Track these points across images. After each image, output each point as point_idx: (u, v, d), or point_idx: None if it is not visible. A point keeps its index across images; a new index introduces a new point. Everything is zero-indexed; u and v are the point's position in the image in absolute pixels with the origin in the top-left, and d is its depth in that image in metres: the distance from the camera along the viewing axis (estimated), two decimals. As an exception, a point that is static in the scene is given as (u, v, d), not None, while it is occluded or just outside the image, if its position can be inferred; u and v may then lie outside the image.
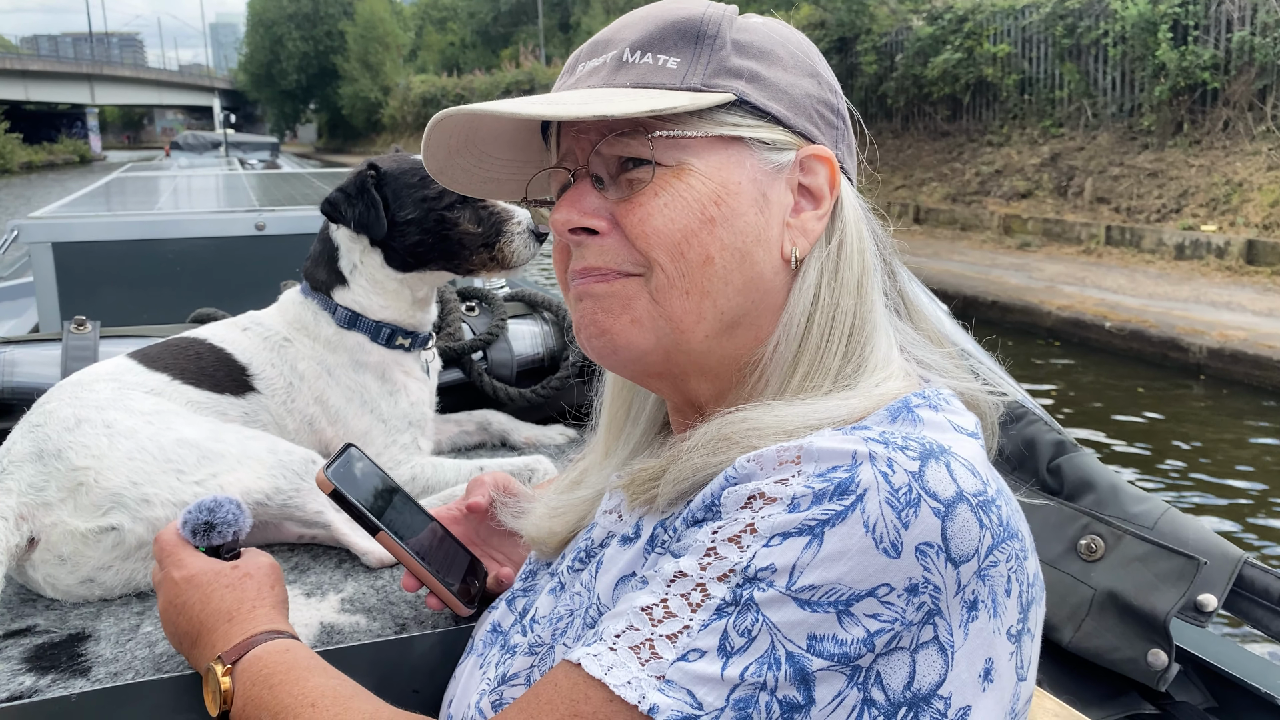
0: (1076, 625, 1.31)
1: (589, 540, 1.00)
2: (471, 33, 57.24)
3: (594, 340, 0.92)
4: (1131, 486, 1.41)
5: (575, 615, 0.91)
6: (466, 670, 1.06)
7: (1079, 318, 9.84)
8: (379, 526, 1.16)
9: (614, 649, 0.76)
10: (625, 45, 0.91)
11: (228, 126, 36.27)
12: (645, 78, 0.89)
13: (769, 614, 0.71)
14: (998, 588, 0.75)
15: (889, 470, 0.73)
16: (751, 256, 0.89)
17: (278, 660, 1.00)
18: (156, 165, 13.66)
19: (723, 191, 0.88)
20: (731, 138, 0.89)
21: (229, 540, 1.18)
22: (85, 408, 1.49)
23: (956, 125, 16.31)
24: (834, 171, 0.93)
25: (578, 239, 0.91)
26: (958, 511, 0.73)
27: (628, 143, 0.89)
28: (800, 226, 0.92)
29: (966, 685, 0.72)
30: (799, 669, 0.70)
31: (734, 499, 0.78)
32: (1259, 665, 1.28)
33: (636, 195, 0.89)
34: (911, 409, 0.84)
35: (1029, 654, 0.80)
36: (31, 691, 1.15)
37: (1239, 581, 1.24)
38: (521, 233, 1.85)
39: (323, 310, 1.83)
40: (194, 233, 3.55)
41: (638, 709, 0.72)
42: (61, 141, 74.60)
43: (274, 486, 1.49)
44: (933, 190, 15.29)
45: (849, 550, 0.71)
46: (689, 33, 0.90)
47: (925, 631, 0.71)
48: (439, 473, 1.83)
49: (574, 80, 0.94)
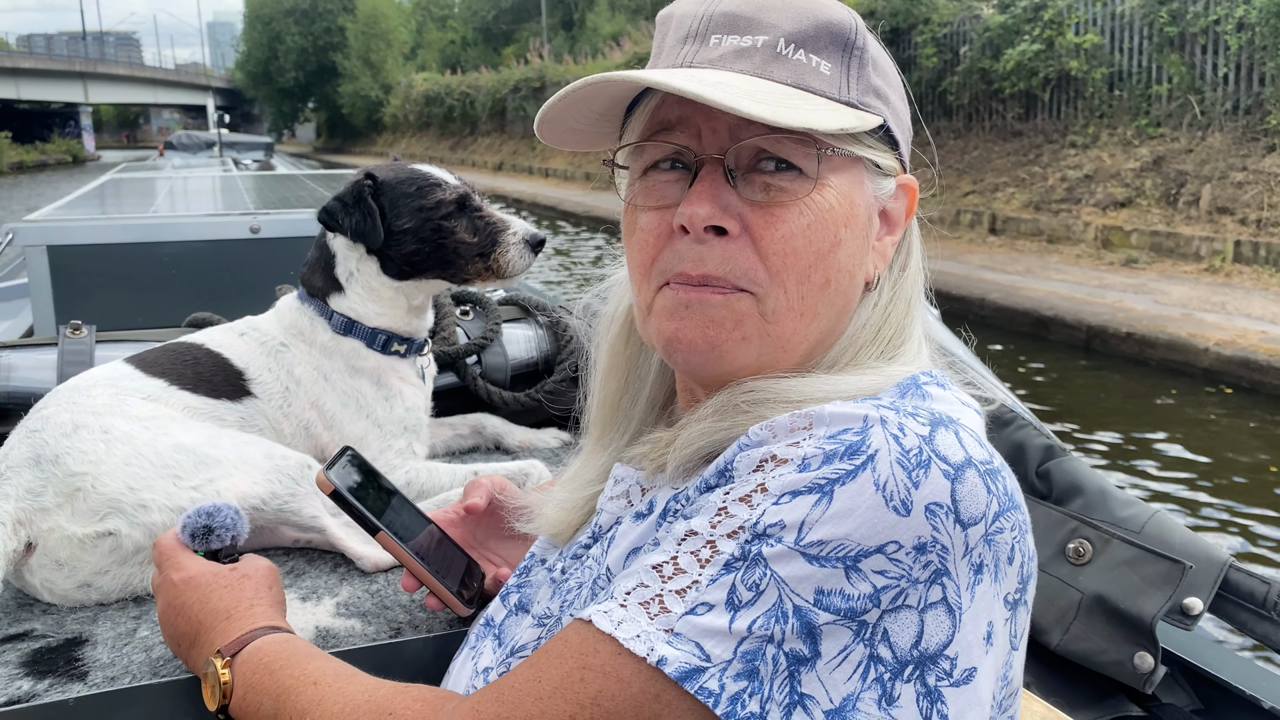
0: (1064, 628, 1.32)
1: (595, 527, 1.01)
2: (472, 30, 56.10)
3: (696, 353, 0.88)
4: (1120, 491, 1.42)
5: (584, 586, 0.92)
6: (458, 664, 1.08)
7: (1248, 357, 7.64)
8: (379, 527, 1.18)
9: (624, 605, 0.77)
10: (779, 35, 0.86)
11: (222, 126, 36.09)
12: (803, 78, 0.86)
13: (777, 568, 0.72)
14: (1002, 554, 0.76)
15: (900, 433, 0.74)
16: (855, 280, 0.91)
17: (278, 649, 1.01)
18: (150, 165, 13.63)
19: (850, 214, 0.88)
20: (859, 158, 0.88)
21: (227, 545, 1.20)
22: (82, 413, 1.49)
23: (1030, 124, 14.42)
24: (913, 201, 0.95)
25: (705, 236, 0.86)
26: (966, 475, 0.74)
27: (783, 144, 0.85)
28: (881, 250, 0.94)
29: (972, 646, 0.73)
30: (805, 622, 0.71)
31: (746, 463, 0.79)
32: (1244, 668, 1.29)
33: (778, 206, 0.85)
34: (920, 385, 0.86)
35: (1022, 625, 0.81)
36: (29, 696, 1.16)
37: (1224, 585, 1.26)
38: (517, 243, 1.86)
39: (319, 316, 1.84)
40: (189, 235, 3.55)
41: (646, 661, 0.73)
42: (54, 141, 72.54)
43: (270, 491, 1.50)
44: (1009, 197, 13.53)
45: (858, 507, 0.72)
46: (839, 38, 0.88)
47: (933, 591, 0.72)
48: (434, 477, 1.84)
49: (715, 56, 0.87)
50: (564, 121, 0.94)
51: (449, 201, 1.83)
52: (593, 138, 0.98)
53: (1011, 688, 0.82)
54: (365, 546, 1.53)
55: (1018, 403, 1.56)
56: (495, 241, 1.85)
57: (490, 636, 1.05)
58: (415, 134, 47.73)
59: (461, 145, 40.57)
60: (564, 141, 0.98)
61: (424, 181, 1.85)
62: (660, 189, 0.90)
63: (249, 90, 79.44)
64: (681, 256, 0.87)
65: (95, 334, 2.11)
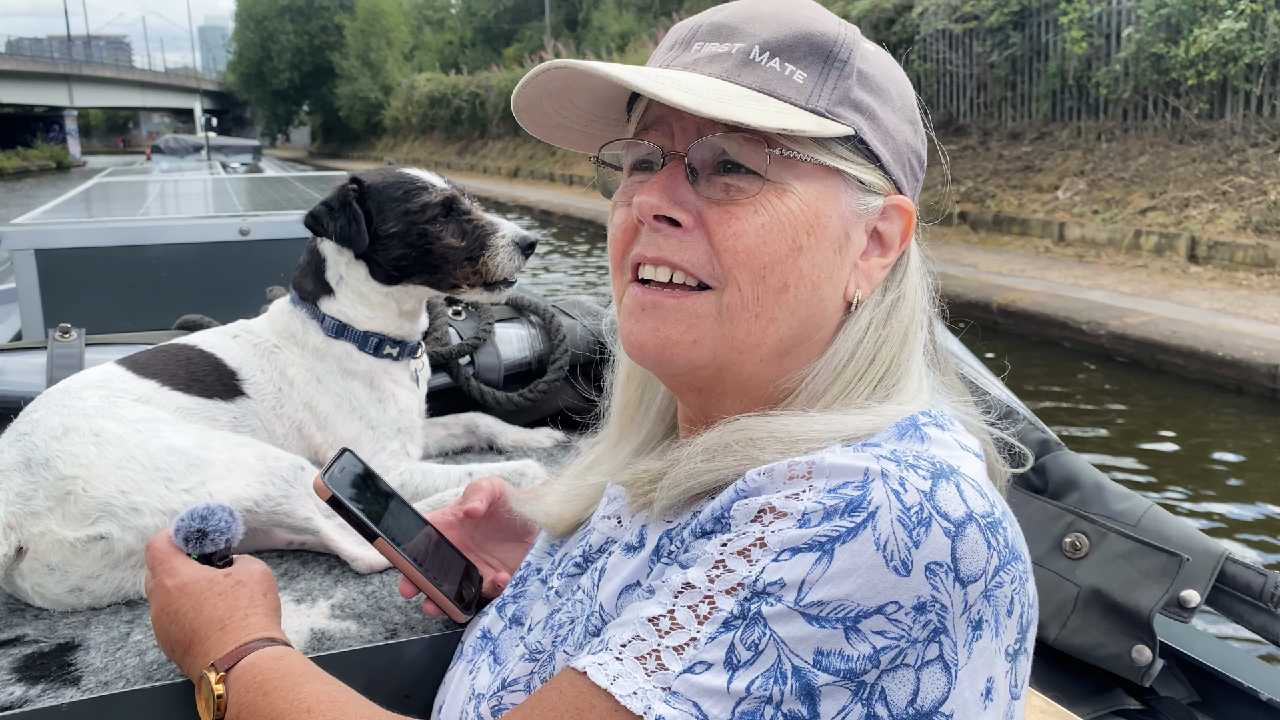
0: (1062, 622, 1.32)
1: (585, 545, 1.00)
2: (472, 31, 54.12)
3: (652, 350, 0.90)
4: (1115, 484, 1.42)
5: (576, 623, 0.91)
6: (456, 676, 1.07)
7: None
8: (377, 533, 1.16)
9: (620, 659, 0.76)
10: (756, 42, 0.88)
11: (209, 130, 35.88)
12: (771, 84, 0.87)
13: (776, 628, 0.71)
14: (1001, 608, 0.75)
15: (901, 489, 0.74)
16: (821, 291, 0.89)
17: (272, 667, 0.99)
18: (138, 170, 13.57)
19: (815, 223, 0.87)
20: (834, 169, 0.88)
21: (221, 548, 1.18)
22: (73, 416, 1.48)
23: (1219, 124, 11.25)
24: (910, 224, 0.94)
25: (659, 226, 0.88)
26: (967, 532, 0.73)
27: (742, 147, 0.86)
28: (866, 270, 0.92)
29: (969, 704, 0.73)
30: (805, 684, 0.70)
31: (744, 512, 0.78)
32: (1241, 660, 1.30)
33: (733, 205, 0.86)
34: (919, 426, 0.85)
35: (1023, 673, 0.81)
36: (22, 702, 1.15)
37: (1221, 577, 1.26)
38: (506, 245, 1.84)
39: (311, 319, 1.84)
40: (178, 238, 3.53)
41: (643, 719, 0.72)
42: (37, 146, 69.47)
43: (263, 493, 1.49)
44: (1210, 215, 10.41)
45: (859, 567, 0.71)
46: (821, 50, 0.88)
47: (930, 649, 0.72)
48: (428, 478, 1.83)
49: (691, 60, 0.89)
50: (549, 116, 0.96)
51: (435, 205, 1.81)
52: (587, 138, 1.00)
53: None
54: (360, 548, 1.52)
55: (1013, 398, 1.56)
56: (484, 245, 1.83)
57: (487, 652, 1.04)
58: (419, 138, 45.23)
59: (470, 150, 37.98)
60: (555, 138, 1.00)
61: (410, 185, 1.83)
62: (632, 188, 0.93)
63: (241, 93, 76.53)
64: (641, 243, 0.90)
65: (85, 337, 2.10)
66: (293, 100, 69.26)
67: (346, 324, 1.83)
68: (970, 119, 15.03)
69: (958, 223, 13.26)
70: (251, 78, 68.51)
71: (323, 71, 60.21)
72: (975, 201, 13.42)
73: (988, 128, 14.62)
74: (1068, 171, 12.69)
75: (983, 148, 14.39)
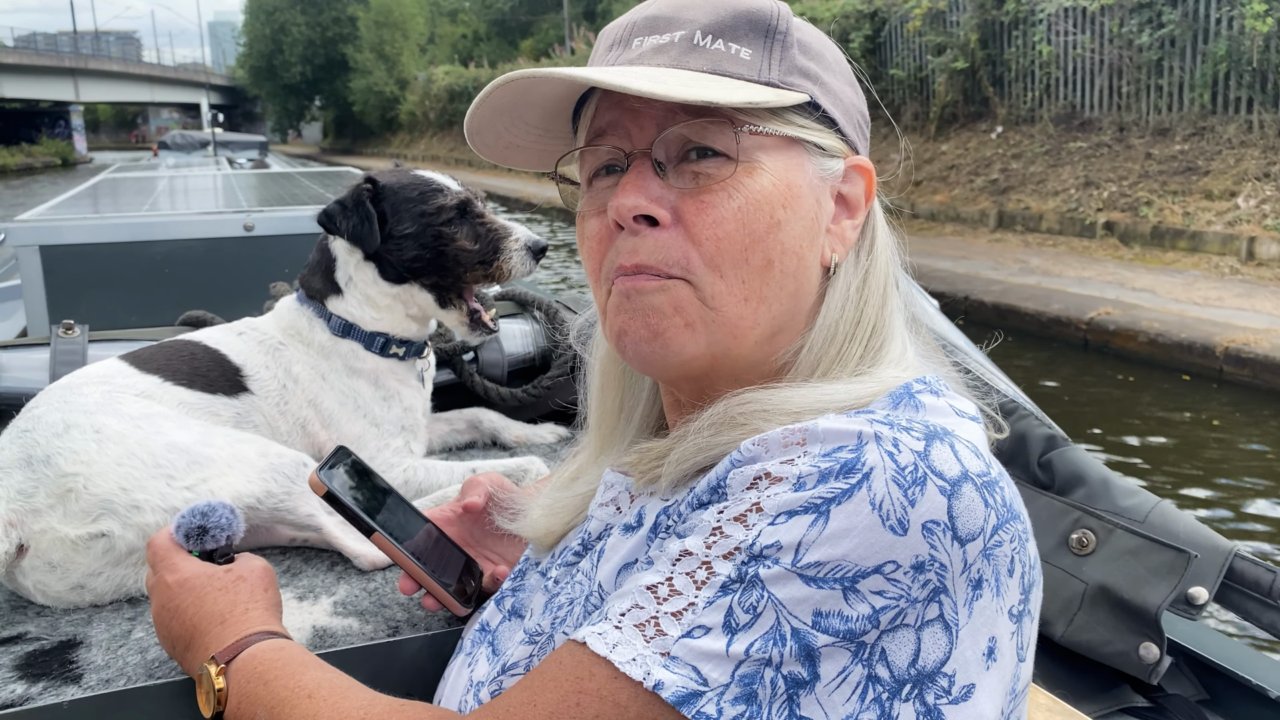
0: (1068, 619, 1.31)
1: (585, 534, 1.00)
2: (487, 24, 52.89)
3: (643, 344, 0.88)
4: (1122, 480, 1.41)
5: (575, 603, 0.91)
6: (455, 669, 1.07)
7: None
8: (373, 528, 1.16)
9: (619, 627, 0.76)
10: (695, 27, 0.88)
11: (215, 125, 35.82)
12: (720, 64, 0.87)
13: (774, 590, 0.71)
14: (1001, 567, 0.75)
15: (894, 450, 0.74)
16: (804, 262, 0.90)
17: (272, 657, 0.99)
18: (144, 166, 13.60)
19: (789, 194, 0.88)
20: (795, 139, 0.89)
21: (222, 545, 1.18)
22: (74, 412, 1.48)
23: None
24: (870, 183, 0.95)
25: (638, 227, 0.87)
26: (963, 490, 0.73)
27: (707, 131, 0.86)
28: (839, 234, 0.93)
29: (970, 663, 0.73)
30: (804, 645, 0.70)
31: (740, 480, 0.78)
32: (1250, 657, 1.29)
33: (706, 192, 0.86)
34: (913, 394, 0.85)
35: (1029, 635, 0.80)
36: (23, 699, 1.15)
37: (1229, 574, 1.25)
38: (519, 250, 1.85)
39: (317, 318, 1.85)
40: (182, 234, 3.53)
41: (642, 685, 0.72)
42: (42, 142, 66.98)
43: (265, 490, 1.49)
44: None
45: (855, 527, 0.71)
46: (759, 24, 0.89)
47: (930, 609, 0.71)
48: (431, 475, 1.83)
49: (635, 55, 0.90)
50: (500, 136, 0.96)
51: (450, 207, 1.83)
52: (539, 156, 1.01)
53: (1018, 697, 0.81)
54: (362, 545, 1.51)
55: (1019, 393, 1.55)
56: (497, 249, 1.85)
57: (485, 644, 1.04)
58: (436, 134, 43.57)
59: None
60: (507, 158, 1.00)
61: (426, 187, 1.84)
62: (600, 195, 0.92)
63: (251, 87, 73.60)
64: (619, 250, 0.89)
65: (88, 334, 2.10)
66: (304, 95, 66.89)
67: (353, 324, 1.83)
68: (1100, 112, 12.73)
69: (1102, 234, 11.03)
70: (262, 71, 66.16)
71: (335, 65, 58.29)
72: (1124, 210, 11.09)
73: (1124, 122, 12.27)
74: (1246, 174, 10.37)
75: (1120, 145, 12.07)
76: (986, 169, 13.54)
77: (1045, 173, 12.65)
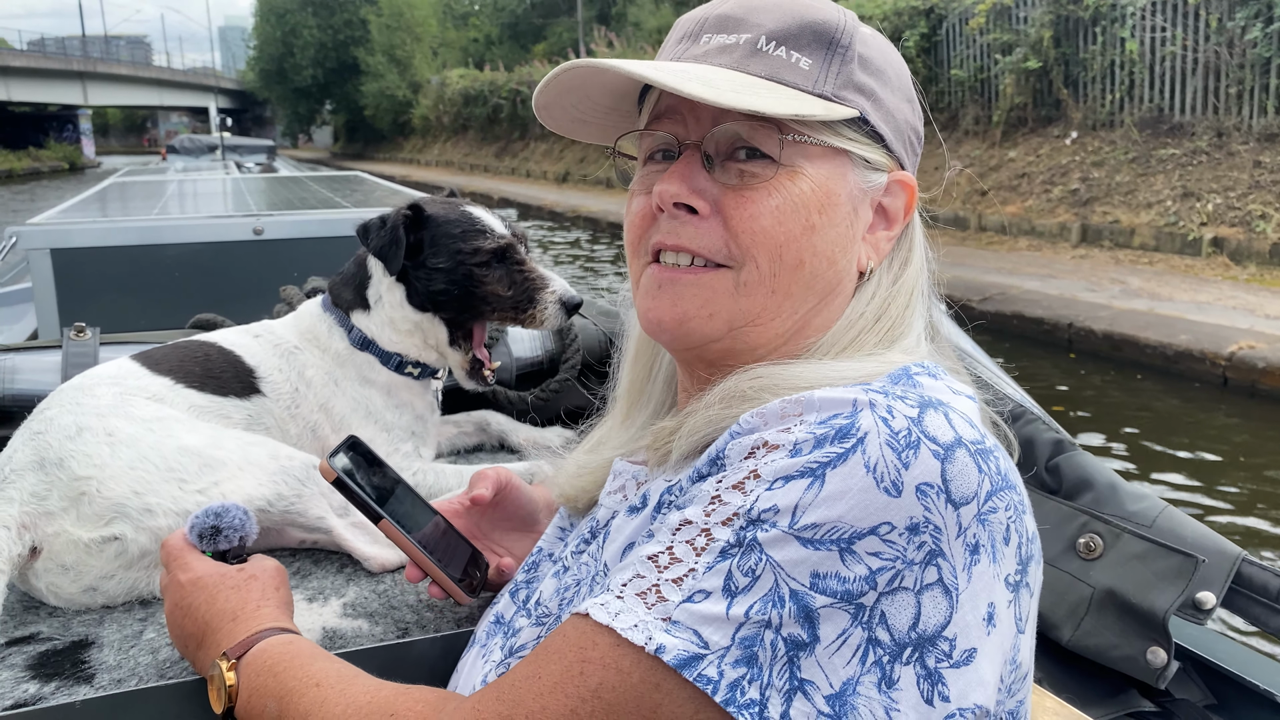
0: (1076, 623, 1.31)
1: (594, 522, 1.02)
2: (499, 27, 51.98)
3: (669, 324, 0.93)
4: (1130, 484, 1.41)
5: (582, 584, 0.93)
6: (469, 661, 1.08)
7: None
8: (381, 514, 1.18)
9: (620, 596, 0.77)
10: (761, 32, 0.92)
11: (223, 129, 35.81)
12: (778, 71, 0.91)
13: (772, 553, 0.72)
14: (997, 534, 0.76)
15: (888, 415, 0.75)
16: (836, 266, 0.93)
17: (282, 650, 1.01)
18: (153, 170, 13.64)
19: (826, 201, 0.91)
20: (841, 150, 0.92)
21: (235, 545, 1.19)
22: (86, 415, 1.49)
23: None
24: (912, 198, 0.98)
25: (677, 213, 0.92)
26: (956, 455, 0.75)
27: (756, 133, 0.90)
28: (874, 243, 0.97)
29: (971, 627, 0.73)
30: (803, 606, 0.71)
31: (738, 450, 0.80)
32: (1258, 662, 1.28)
33: (749, 189, 0.90)
34: (911, 375, 0.88)
35: (1027, 608, 0.81)
36: (35, 699, 1.15)
37: (1237, 579, 1.25)
38: (554, 302, 1.84)
39: (338, 326, 1.86)
40: (192, 238, 3.55)
41: (644, 650, 0.73)
42: (49, 146, 65.75)
43: (276, 493, 1.49)
44: None
45: (850, 489, 0.72)
46: (823, 36, 0.92)
47: (929, 573, 0.72)
48: (440, 479, 1.84)
49: (701, 52, 0.94)
50: (568, 111, 1.01)
51: (487, 250, 1.81)
52: (603, 131, 1.05)
53: (1020, 671, 0.82)
54: (372, 547, 1.52)
55: (1027, 397, 1.55)
56: (532, 300, 1.84)
57: (500, 634, 1.05)
58: (450, 138, 42.70)
59: (510, 151, 34.76)
60: (574, 132, 1.05)
61: (469, 225, 1.83)
62: (650, 177, 0.97)
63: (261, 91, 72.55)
64: (659, 229, 0.94)
65: (99, 336, 2.11)
66: (315, 98, 65.79)
67: (372, 340, 1.84)
68: (1193, 115, 11.59)
69: (1209, 251, 10.02)
70: (272, 75, 65.17)
71: (347, 68, 57.27)
72: (1233, 224, 10.10)
73: (1223, 126, 11.17)
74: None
75: (1221, 153, 11.01)
76: (1064, 178, 12.46)
77: (1134, 182, 11.57)
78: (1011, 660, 0.79)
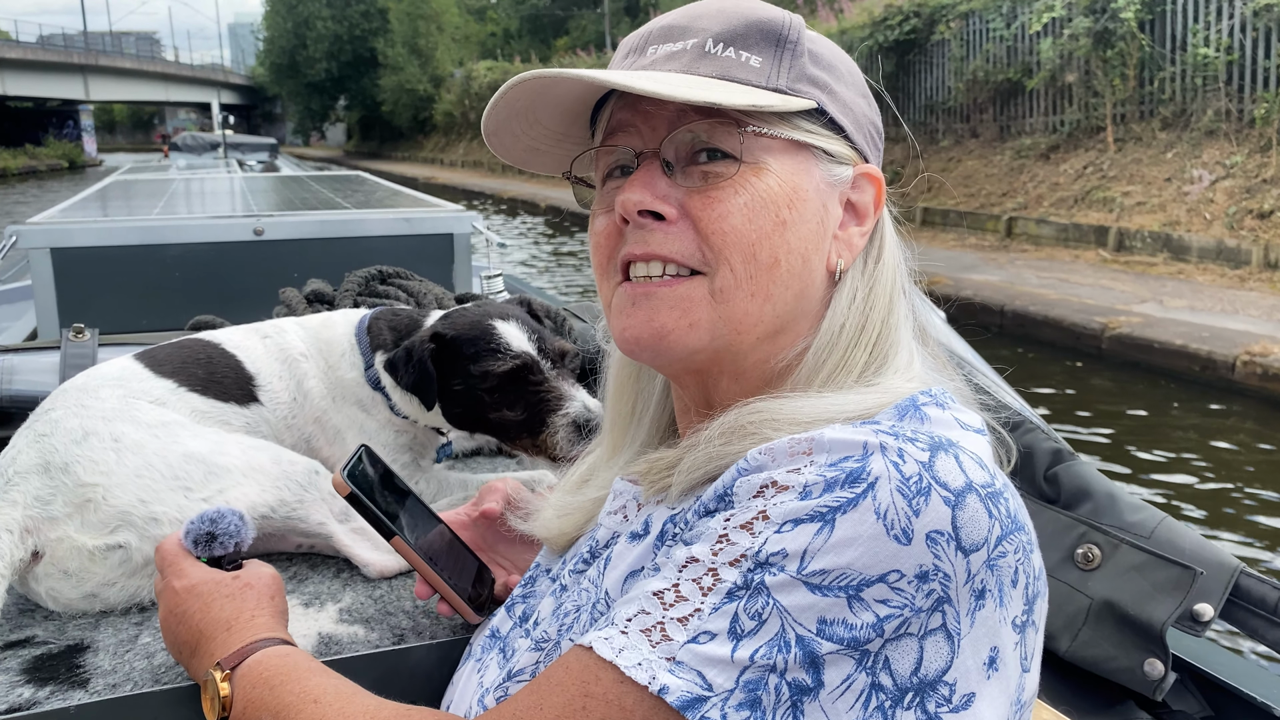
0: (1073, 634, 1.31)
1: (593, 542, 1.01)
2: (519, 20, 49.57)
3: (647, 340, 0.91)
4: (1129, 495, 1.41)
5: (582, 610, 0.92)
6: (464, 675, 1.07)
7: None
8: (394, 532, 1.16)
9: (625, 632, 0.76)
10: (707, 36, 0.92)
11: (225, 127, 35.67)
12: (729, 71, 0.90)
13: (779, 598, 0.72)
14: (1005, 578, 0.75)
15: (900, 460, 0.74)
16: (810, 263, 0.92)
17: (278, 663, 1.00)
18: (155, 168, 13.64)
19: (794, 196, 0.90)
20: (803, 144, 0.92)
21: (231, 551, 1.19)
22: (92, 419, 1.47)
23: None
24: (880, 192, 0.97)
25: (644, 221, 0.91)
26: (967, 501, 0.74)
27: (715, 132, 0.89)
28: (846, 240, 0.95)
29: (971, 672, 0.73)
30: (808, 652, 0.71)
31: (746, 488, 0.79)
32: (1256, 674, 1.28)
33: (714, 189, 0.89)
34: (919, 406, 0.86)
35: (1033, 646, 0.80)
36: (30, 703, 1.15)
37: (1235, 591, 1.25)
38: (567, 425, 1.70)
39: (360, 357, 1.79)
40: (193, 238, 3.55)
41: (648, 690, 0.72)
42: (48, 144, 62.99)
43: (279, 499, 1.49)
44: None
45: (860, 536, 0.72)
46: (770, 34, 0.92)
47: (934, 619, 0.72)
48: (444, 488, 1.83)
49: (649, 62, 0.93)
50: (519, 139, 1.00)
51: (497, 374, 1.68)
52: (558, 160, 1.03)
53: (1024, 708, 0.82)
54: (372, 554, 1.52)
55: (1025, 406, 1.55)
56: (544, 422, 1.71)
57: (496, 650, 1.04)
58: (476, 136, 38.45)
59: None
60: (527, 162, 1.03)
61: (484, 344, 1.70)
62: (611, 194, 0.95)
63: (271, 86, 69.34)
64: (628, 242, 0.92)
65: (98, 337, 2.11)
66: (329, 93, 62.20)
67: (385, 389, 1.78)
68: None
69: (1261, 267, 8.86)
70: (284, 69, 61.71)
71: (363, 61, 54.41)
72: None
73: None
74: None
75: None
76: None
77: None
78: (1016, 701, 0.78)
